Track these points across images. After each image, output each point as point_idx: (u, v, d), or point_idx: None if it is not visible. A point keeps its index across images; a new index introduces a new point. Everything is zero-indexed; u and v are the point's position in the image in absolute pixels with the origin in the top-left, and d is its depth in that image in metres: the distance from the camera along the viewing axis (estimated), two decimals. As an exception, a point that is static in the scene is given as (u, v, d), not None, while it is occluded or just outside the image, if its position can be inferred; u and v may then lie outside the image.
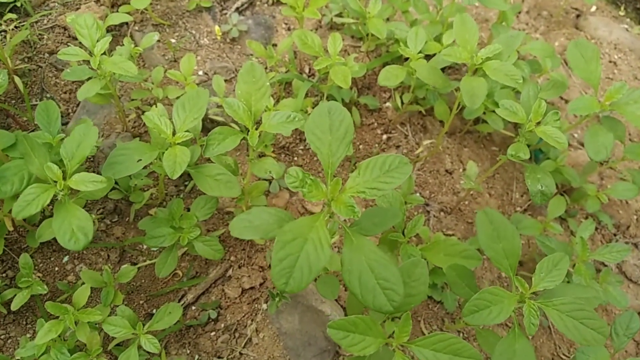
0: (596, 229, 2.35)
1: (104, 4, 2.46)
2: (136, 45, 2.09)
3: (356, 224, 1.41)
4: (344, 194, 1.21)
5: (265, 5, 2.60)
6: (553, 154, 2.22)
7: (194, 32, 2.45)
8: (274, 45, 2.51)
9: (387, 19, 2.42)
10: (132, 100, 2.06)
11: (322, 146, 1.27)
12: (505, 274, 1.38)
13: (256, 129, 1.45)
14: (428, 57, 1.98)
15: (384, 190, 1.21)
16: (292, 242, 1.11)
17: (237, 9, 2.50)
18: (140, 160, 1.47)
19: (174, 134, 1.53)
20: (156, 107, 1.65)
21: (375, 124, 2.38)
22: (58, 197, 1.38)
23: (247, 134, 1.44)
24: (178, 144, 1.52)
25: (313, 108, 2.16)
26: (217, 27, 2.35)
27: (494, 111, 2.03)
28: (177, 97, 1.99)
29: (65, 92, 2.25)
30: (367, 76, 2.43)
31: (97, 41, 1.68)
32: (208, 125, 2.15)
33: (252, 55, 2.46)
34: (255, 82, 1.43)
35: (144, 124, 2.22)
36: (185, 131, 1.53)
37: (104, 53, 1.69)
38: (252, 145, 1.42)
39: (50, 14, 2.40)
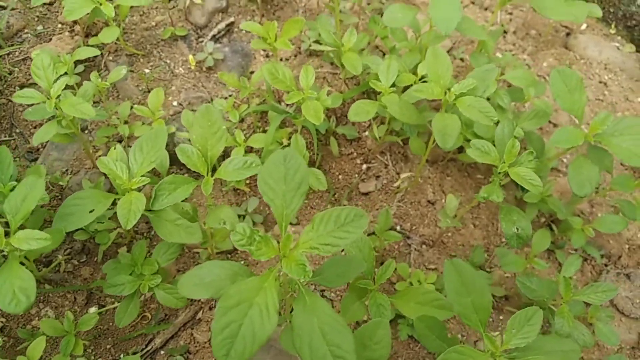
0: (585, 259, 2.26)
1: (78, 33, 2.41)
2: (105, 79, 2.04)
3: (318, 274, 1.34)
4: (296, 251, 1.14)
5: (243, 32, 2.54)
6: (538, 184, 2.13)
7: (168, 61, 2.39)
8: (252, 72, 2.45)
9: (368, 43, 2.36)
10: (100, 137, 2.00)
11: (275, 197, 1.20)
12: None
13: (212, 175, 1.39)
14: (407, 88, 1.92)
15: (338, 247, 1.13)
16: (235, 307, 1.04)
17: (213, 36, 2.45)
18: (93, 210, 1.41)
19: (131, 178, 1.47)
20: (115, 148, 1.58)
21: (355, 154, 2.30)
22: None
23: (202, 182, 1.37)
24: (134, 189, 1.46)
25: (289, 139, 2.09)
26: (190, 57, 2.29)
27: (474, 142, 1.95)
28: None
29: (35, 127, 2.20)
30: (346, 104, 2.35)
31: (55, 82, 1.62)
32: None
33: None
34: (211, 125, 1.36)
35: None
36: (142, 176, 1.47)
37: (74, 85, 1.63)
38: (207, 194, 1.35)
39: (22, 45, 2.35)
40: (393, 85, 1.82)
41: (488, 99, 2.05)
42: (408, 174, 2.04)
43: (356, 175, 2.28)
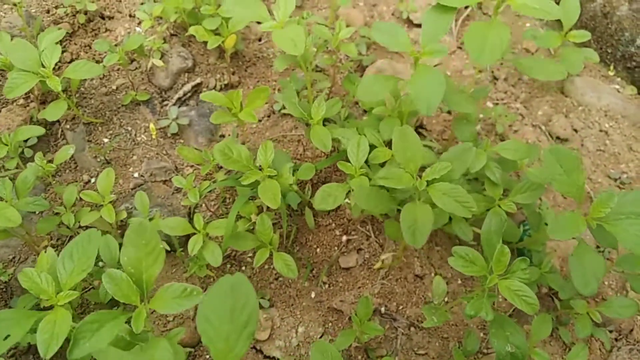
0: (593, 334, 2.03)
1: (34, 100, 2.23)
2: (53, 153, 1.85)
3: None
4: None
5: (213, 90, 2.36)
6: (537, 259, 1.92)
7: (129, 128, 2.21)
8: (222, 136, 2.26)
9: (342, 106, 2.17)
10: (41, 229, 1.80)
11: (217, 339, 0.99)
12: None
13: (148, 302, 1.18)
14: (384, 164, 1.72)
15: None
16: None
17: (179, 99, 2.27)
18: (9, 337, 1.20)
19: (57, 292, 1.27)
20: (45, 252, 1.39)
21: (333, 225, 2.10)
22: None
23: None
24: (61, 305, 1.26)
25: (258, 215, 1.89)
26: (151, 125, 2.11)
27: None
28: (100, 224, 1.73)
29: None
30: (324, 169, 2.16)
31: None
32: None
33: (196, 149, 2.20)
34: (146, 244, 1.16)
35: (66, 243, 1.97)
36: (71, 289, 1.27)
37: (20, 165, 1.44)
38: (137, 332, 1.14)
39: (-29, 117, 2.18)
40: (366, 162, 1.62)
41: (476, 178, 1.85)
42: (389, 254, 1.83)
43: (335, 248, 2.07)
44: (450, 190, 1.35)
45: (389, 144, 1.96)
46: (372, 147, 1.78)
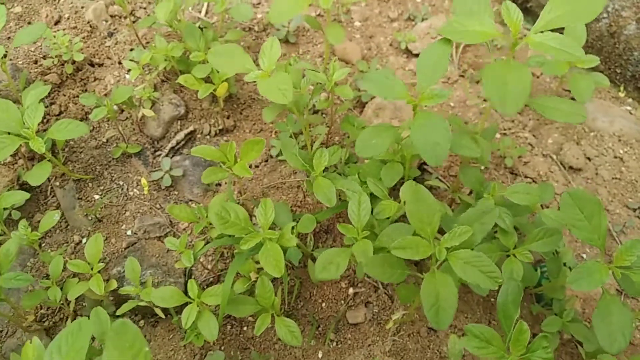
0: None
1: (21, 157, 2.14)
2: (43, 212, 1.76)
3: None
4: None
5: (207, 137, 2.27)
6: (557, 307, 1.79)
7: (121, 182, 2.11)
8: (218, 185, 2.16)
9: (341, 162, 2.05)
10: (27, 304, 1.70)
11: None
12: None
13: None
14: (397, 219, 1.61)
15: None
16: None
17: (172, 148, 2.17)
18: None
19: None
20: (30, 342, 1.28)
21: (339, 277, 1.98)
22: None
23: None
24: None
25: (258, 272, 1.78)
26: (143, 180, 2.01)
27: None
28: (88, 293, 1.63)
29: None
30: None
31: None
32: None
33: (191, 201, 2.11)
34: (130, 347, 1.05)
35: (57, 313, 1.86)
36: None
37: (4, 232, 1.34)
38: None
39: (-43, 178, 2.09)
40: (370, 227, 1.51)
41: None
42: (400, 313, 1.71)
43: (342, 302, 1.95)
44: (473, 259, 1.23)
45: (392, 192, 1.85)
46: (376, 198, 1.67)
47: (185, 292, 1.63)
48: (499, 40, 2.71)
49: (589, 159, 2.37)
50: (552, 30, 1.39)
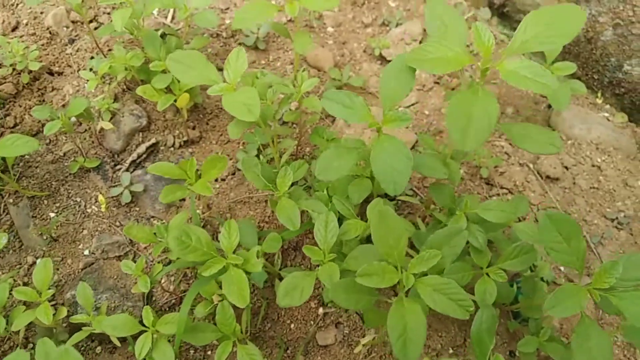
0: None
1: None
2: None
3: None
4: None
5: (171, 149, 2.16)
6: (533, 326, 1.72)
7: (79, 199, 2.00)
8: (182, 200, 2.06)
9: (311, 175, 1.97)
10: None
11: None
12: None
13: None
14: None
15: None
16: None
17: (133, 162, 2.07)
18: None
19: None
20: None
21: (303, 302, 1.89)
22: None
23: None
24: None
25: (221, 297, 1.68)
26: (100, 197, 1.90)
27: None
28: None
29: None
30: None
31: None
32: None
33: (153, 217, 2.01)
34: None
35: (7, 342, 1.75)
36: None
37: None
38: None
39: None
40: (338, 246, 1.42)
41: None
42: (370, 337, 1.63)
43: (312, 323, 1.86)
44: (442, 286, 1.15)
45: (360, 211, 1.77)
46: (343, 218, 1.59)
47: (142, 319, 1.53)
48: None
49: (566, 168, 2.32)
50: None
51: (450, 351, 1.86)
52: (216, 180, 2.10)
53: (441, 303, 1.14)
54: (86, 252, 1.90)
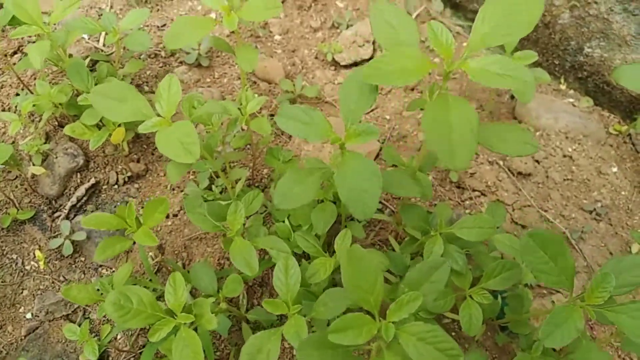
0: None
1: None
2: None
3: None
4: None
5: (115, 187, 1.97)
6: (524, 342, 1.60)
7: (14, 256, 1.80)
8: (134, 243, 1.87)
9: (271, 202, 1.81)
10: None
11: None
12: None
13: None
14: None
15: None
16: None
17: (72, 207, 1.87)
18: None
19: None
20: None
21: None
22: None
23: None
24: None
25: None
26: (37, 252, 1.70)
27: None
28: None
29: None
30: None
31: None
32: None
33: (101, 267, 1.82)
34: None
35: None
36: None
37: None
38: None
39: None
40: (305, 286, 1.27)
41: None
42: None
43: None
44: (426, 334, 1.01)
45: (328, 238, 1.63)
46: (309, 256, 1.44)
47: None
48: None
49: (537, 162, 2.22)
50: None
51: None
52: (167, 217, 1.92)
53: (427, 354, 1.00)
54: (28, 316, 1.70)
